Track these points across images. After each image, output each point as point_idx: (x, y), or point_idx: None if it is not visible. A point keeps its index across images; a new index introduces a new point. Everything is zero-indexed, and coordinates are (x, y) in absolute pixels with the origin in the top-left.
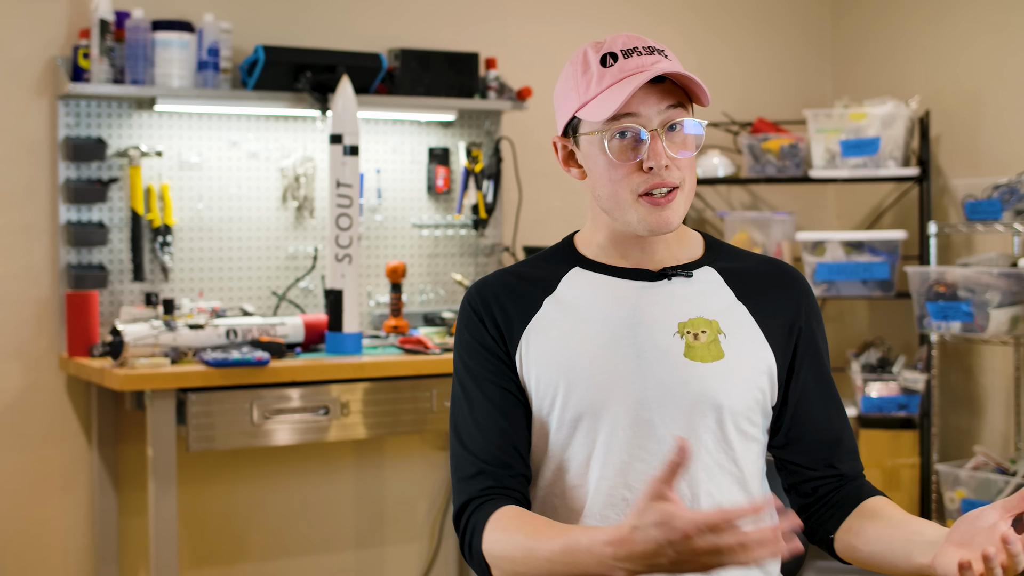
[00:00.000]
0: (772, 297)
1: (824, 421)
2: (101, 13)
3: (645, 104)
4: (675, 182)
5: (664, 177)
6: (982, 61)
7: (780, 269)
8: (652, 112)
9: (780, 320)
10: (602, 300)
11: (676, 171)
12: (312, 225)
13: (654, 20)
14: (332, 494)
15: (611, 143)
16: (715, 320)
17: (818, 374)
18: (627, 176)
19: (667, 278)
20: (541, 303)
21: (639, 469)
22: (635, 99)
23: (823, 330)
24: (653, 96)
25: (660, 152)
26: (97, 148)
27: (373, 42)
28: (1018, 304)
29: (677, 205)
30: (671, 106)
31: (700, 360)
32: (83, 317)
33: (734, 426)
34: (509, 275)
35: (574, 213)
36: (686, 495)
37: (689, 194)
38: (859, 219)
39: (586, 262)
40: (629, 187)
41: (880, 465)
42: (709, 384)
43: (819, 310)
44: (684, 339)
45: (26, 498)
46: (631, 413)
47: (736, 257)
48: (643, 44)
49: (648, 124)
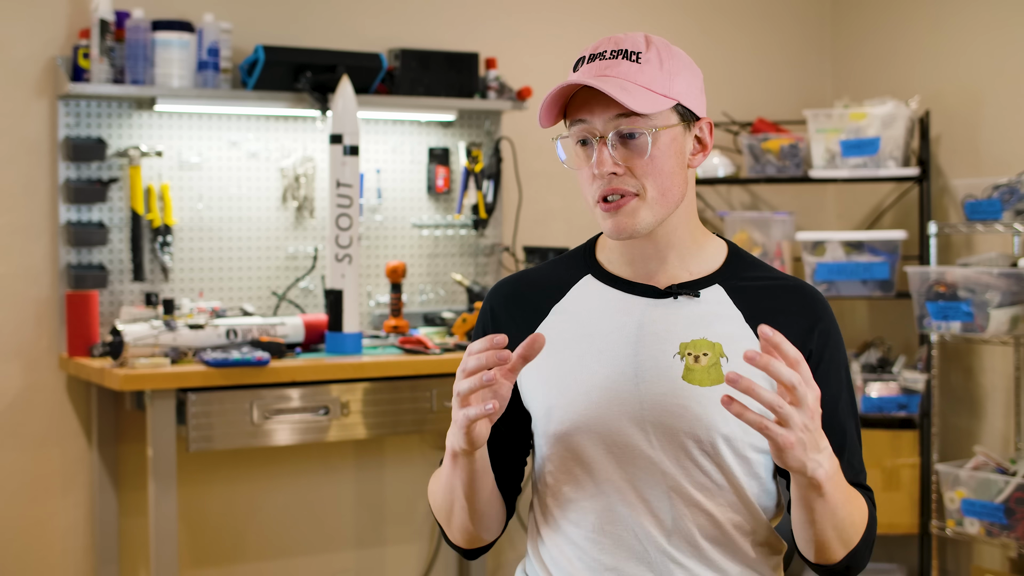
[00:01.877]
0: (782, 322)
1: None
2: (101, 13)
3: (592, 112)
4: (627, 189)
5: (614, 184)
6: (982, 61)
7: (799, 292)
8: (599, 120)
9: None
10: (607, 314)
11: (631, 179)
12: (312, 225)
13: (654, 20)
14: (332, 494)
15: (574, 148)
16: (719, 343)
17: (829, 397)
18: (588, 181)
19: (673, 296)
20: (548, 311)
21: (632, 488)
22: (586, 106)
23: (843, 355)
24: (602, 103)
25: (604, 160)
26: (97, 148)
27: (373, 42)
28: (1018, 304)
29: (633, 211)
30: (620, 114)
31: (698, 384)
32: (83, 317)
33: (731, 451)
34: (524, 280)
35: (574, 213)
36: (685, 515)
37: (658, 201)
38: (859, 219)
39: (599, 271)
40: (590, 192)
41: (880, 465)
42: (706, 410)
43: (838, 334)
44: (684, 361)
45: (26, 498)
46: (625, 432)
47: (756, 275)
48: (613, 48)
49: (596, 131)
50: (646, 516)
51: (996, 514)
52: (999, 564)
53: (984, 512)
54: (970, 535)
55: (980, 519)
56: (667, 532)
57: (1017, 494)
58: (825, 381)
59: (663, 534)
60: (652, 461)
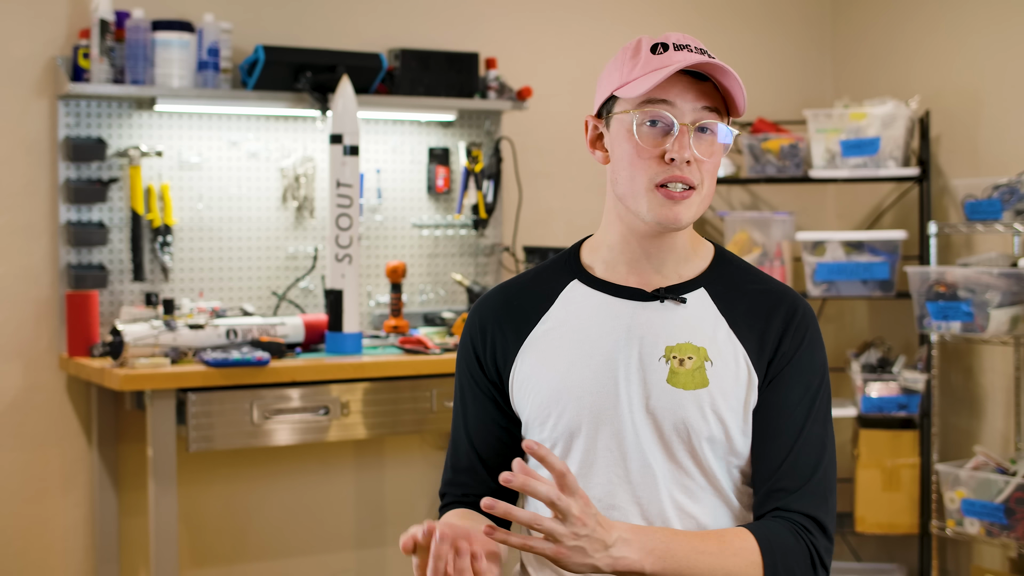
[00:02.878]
0: (763, 328)
1: (777, 436)
2: (101, 13)
3: (683, 97)
4: (693, 181)
5: (684, 172)
6: (982, 61)
7: (779, 298)
8: (687, 106)
9: (768, 350)
10: (597, 319)
11: (697, 171)
12: (312, 225)
13: (654, 20)
14: (332, 494)
15: (640, 128)
16: (703, 347)
17: (792, 400)
18: (648, 163)
19: (660, 300)
20: (537, 320)
21: (621, 491)
22: (674, 90)
23: (818, 362)
24: (692, 92)
25: (686, 146)
26: (97, 148)
27: (373, 42)
28: (1018, 304)
29: (691, 204)
30: (707, 107)
31: (682, 387)
32: (83, 317)
33: (713, 453)
34: (511, 290)
35: (574, 213)
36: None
37: (706, 198)
38: (859, 219)
39: (585, 276)
40: (648, 174)
41: (880, 465)
42: (689, 413)
43: (817, 341)
44: (669, 364)
45: (26, 498)
46: (616, 435)
47: (740, 280)
48: (696, 44)
49: (681, 116)
50: (637, 518)
51: (996, 514)
52: (999, 564)
53: (984, 512)
54: (970, 535)
55: (980, 519)
56: None
57: (1017, 494)
58: (788, 383)
59: None
60: (642, 464)
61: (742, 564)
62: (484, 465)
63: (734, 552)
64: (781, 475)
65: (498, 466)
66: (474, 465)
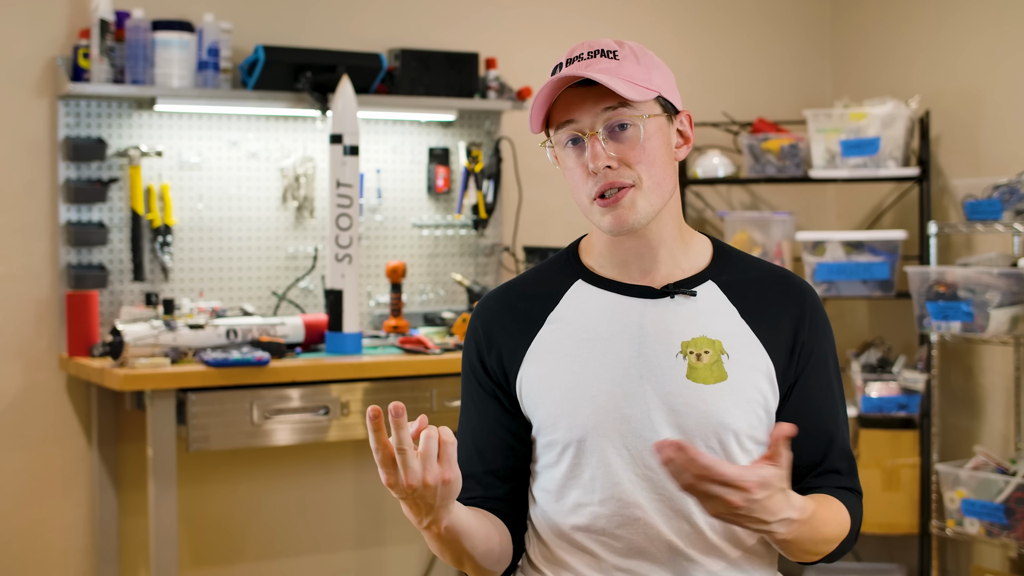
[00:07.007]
0: (775, 314)
1: (819, 424)
2: (101, 13)
3: (581, 109)
4: (624, 181)
5: (610, 178)
6: (982, 61)
7: (786, 282)
8: (588, 116)
9: (783, 337)
10: (606, 318)
11: (627, 170)
12: (312, 225)
13: (653, 20)
14: (332, 494)
15: (563, 151)
16: (718, 340)
17: (820, 386)
18: (582, 181)
19: (670, 295)
20: (543, 321)
21: (642, 489)
22: (572, 105)
23: (831, 342)
24: (589, 100)
25: (599, 154)
26: (97, 148)
27: (373, 42)
28: (1018, 304)
29: (632, 203)
30: (608, 108)
31: (703, 382)
32: (83, 317)
33: (738, 446)
34: (512, 292)
35: (574, 213)
36: (695, 511)
37: (653, 189)
38: (859, 219)
39: (589, 275)
40: (584, 190)
41: (880, 465)
42: (712, 407)
43: (826, 321)
44: (687, 360)
45: (26, 498)
46: (635, 433)
47: (743, 268)
48: (589, 49)
49: (587, 128)
50: (659, 516)
51: (996, 514)
52: (999, 564)
53: (984, 512)
54: (970, 535)
55: (980, 519)
56: (679, 530)
57: (1017, 494)
58: (816, 371)
59: (675, 532)
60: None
61: (842, 528)
62: (489, 469)
63: (836, 518)
64: (833, 459)
65: (504, 470)
66: (480, 470)
